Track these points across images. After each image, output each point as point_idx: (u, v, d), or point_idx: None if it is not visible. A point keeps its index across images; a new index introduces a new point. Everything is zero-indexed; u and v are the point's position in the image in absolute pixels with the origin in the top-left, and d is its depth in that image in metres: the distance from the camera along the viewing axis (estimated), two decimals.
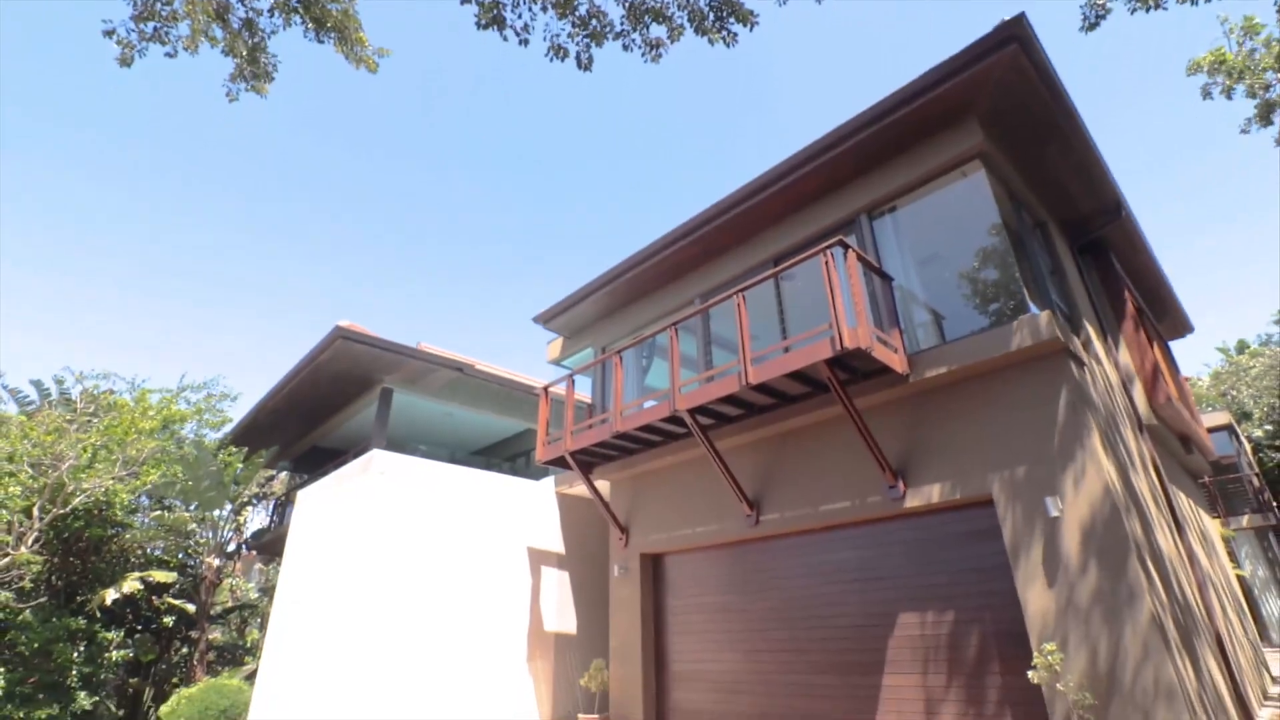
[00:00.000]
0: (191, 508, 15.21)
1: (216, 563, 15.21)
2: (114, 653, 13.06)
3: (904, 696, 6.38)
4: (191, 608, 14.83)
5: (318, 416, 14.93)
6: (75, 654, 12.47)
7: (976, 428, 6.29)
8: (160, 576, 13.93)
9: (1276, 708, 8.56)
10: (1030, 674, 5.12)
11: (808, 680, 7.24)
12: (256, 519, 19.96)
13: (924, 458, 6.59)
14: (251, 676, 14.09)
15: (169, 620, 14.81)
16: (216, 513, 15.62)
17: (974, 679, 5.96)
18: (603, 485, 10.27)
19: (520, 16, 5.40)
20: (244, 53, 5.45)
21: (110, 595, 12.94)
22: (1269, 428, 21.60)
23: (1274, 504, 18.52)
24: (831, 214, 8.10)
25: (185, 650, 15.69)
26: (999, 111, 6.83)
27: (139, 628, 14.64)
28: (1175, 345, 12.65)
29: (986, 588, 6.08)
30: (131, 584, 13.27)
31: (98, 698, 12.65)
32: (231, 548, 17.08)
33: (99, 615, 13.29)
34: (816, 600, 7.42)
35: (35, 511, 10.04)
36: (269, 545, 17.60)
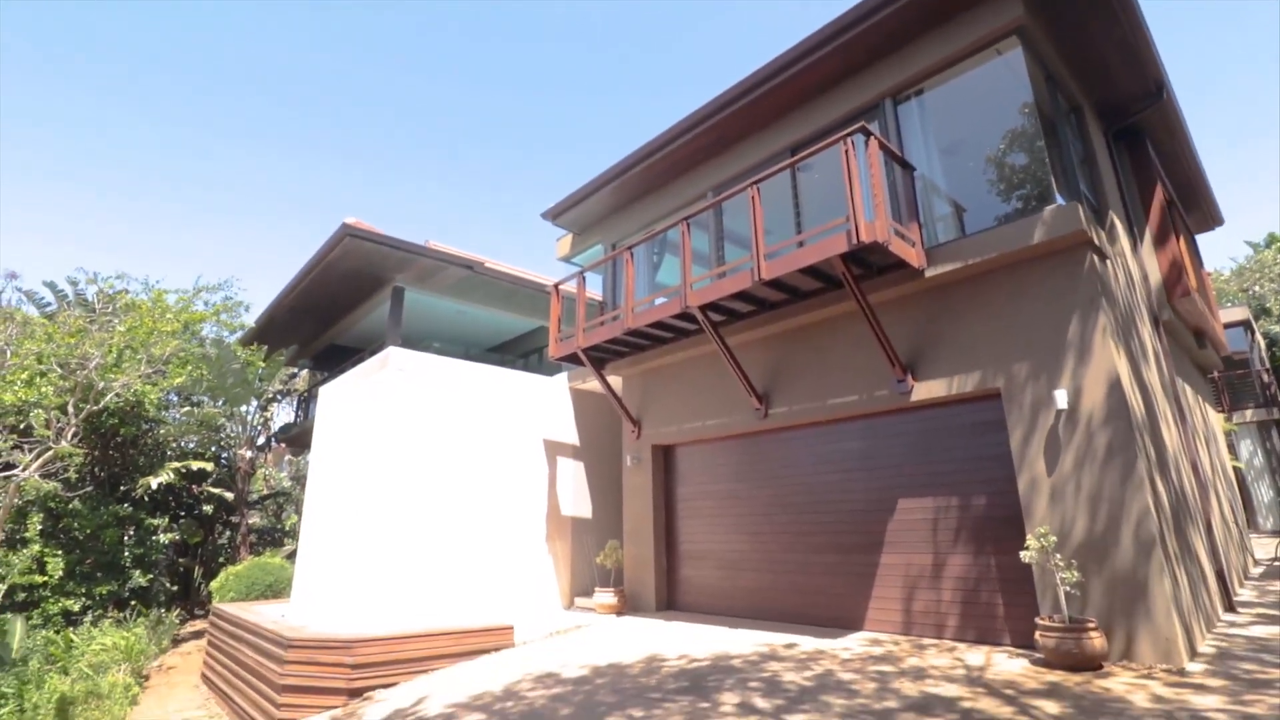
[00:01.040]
0: (219, 404, 15.79)
1: (248, 454, 15.98)
2: (162, 536, 14.06)
3: (900, 573, 6.81)
4: (230, 495, 15.79)
5: (332, 315, 15.08)
6: (125, 537, 13.44)
7: (990, 322, 6.27)
8: (197, 466, 14.74)
9: (1254, 586, 9.07)
10: (1022, 554, 5.40)
11: (808, 559, 7.71)
12: (283, 414, 20.74)
13: (934, 352, 6.63)
14: (291, 556, 15.19)
15: (209, 507, 15.83)
16: (244, 409, 16.23)
17: (968, 558, 6.31)
18: (615, 380, 10.48)
19: None
20: None
21: (151, 484, 13.76)
22: None
23: None
24: (854, 98, 7.67)
25: (228, 534, 16.85)
26: None
27: (182, 514, 15.67)
28: (1203, 239, 12.25)
29: (987, 475, 6.30)
30: (170, 474, 14.07)
31: (152, 575, 13.76)
32: (261, 441, 17.87)
33: (144, 501, 14.21)
34: (820, 487, 7.75)
35: (70, 408, 10.43)
36: (297, 438, 18.37)
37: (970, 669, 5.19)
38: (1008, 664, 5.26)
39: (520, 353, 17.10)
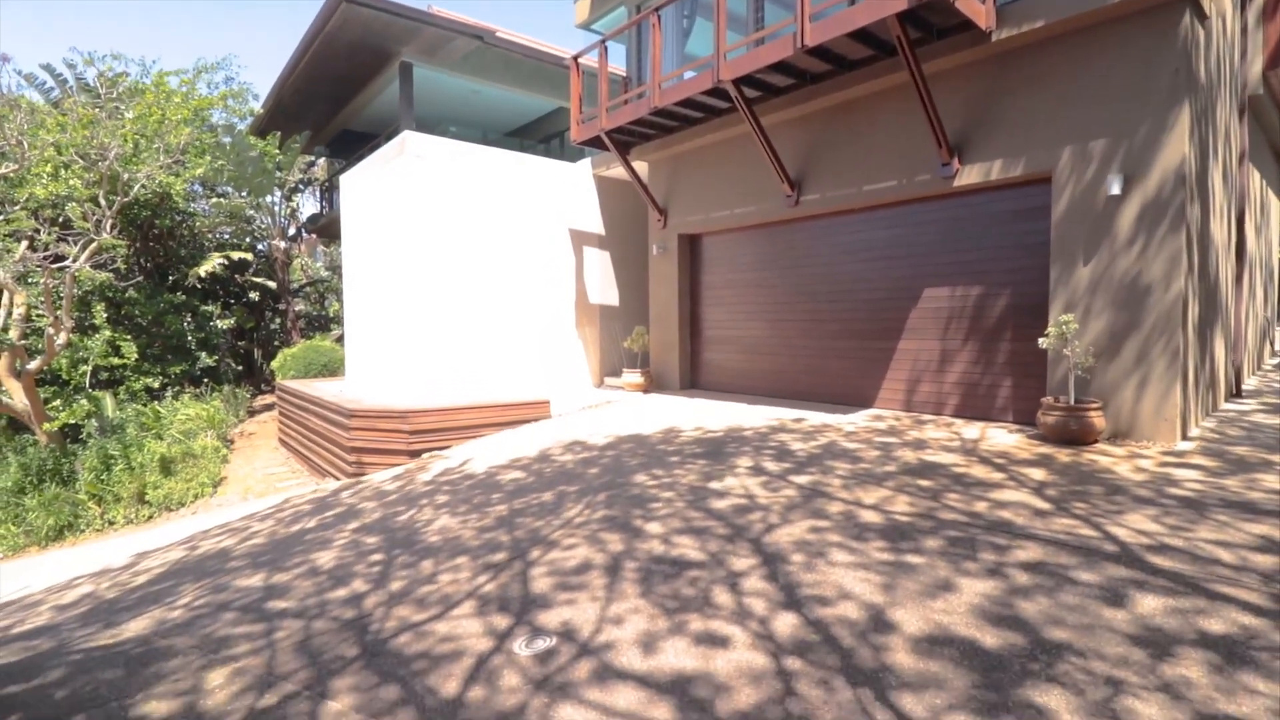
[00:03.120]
0: (244, 194, 15.77)
1: (282, 245, 16.34)
2: (219, 321, 15.06)
3: (914, 357, 7.07)
4: (272, 284, 16.48)
5: (341, 97, 14.25)
6: (186, 323, 14.42)
7: (1054, 97, 5.68)
8: (237, 255, 15.23)
9: (1266, 375, 9.27)
10: (1041, 340, 5.51)
11: (825, 344, 8.00)
12: (308, 205, 20.72)
13: (986, 132, 6.13)
14: (340, 340, 16.26)
15: (255, 295, 16.65)
16: (269, 199, 16.21)
17: (984, 344, 6.49)
18: (640, 166, 10.06)
19: None
20: None
21: (200, 273, 14.39)
22: None
23: None
24: None
25: (278, 320, 17.92)
26: None
27: (232, 301, 16.58)
28: None
29: (1017, 264, 6.21)
30: (213, 263, 14.61)
31: (217, 357, 14.99)
32: (292, 232, 18.11)
33: (196, 290, 14.99)
34: (843, 276, 7.76)
35: (101, 200, 10.51)
36: (325, 229, 18.56)
37: (967, 441, 5.63)
38: (1005, 438, 5.68)
39: (541, 137, 16.27)
